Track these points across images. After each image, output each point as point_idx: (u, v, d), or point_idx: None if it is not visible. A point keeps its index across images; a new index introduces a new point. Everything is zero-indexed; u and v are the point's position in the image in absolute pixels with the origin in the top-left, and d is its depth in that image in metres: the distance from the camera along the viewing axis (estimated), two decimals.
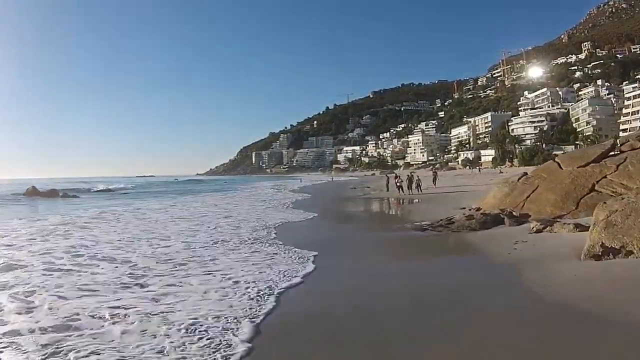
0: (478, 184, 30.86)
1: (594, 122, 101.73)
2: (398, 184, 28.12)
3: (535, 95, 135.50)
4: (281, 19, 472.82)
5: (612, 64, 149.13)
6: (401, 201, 23.33)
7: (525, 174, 12.10)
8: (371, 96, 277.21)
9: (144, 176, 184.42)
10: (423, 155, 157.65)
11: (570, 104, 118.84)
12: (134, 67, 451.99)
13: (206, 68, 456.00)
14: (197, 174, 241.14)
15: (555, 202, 9.78)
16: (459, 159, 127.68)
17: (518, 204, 10.62)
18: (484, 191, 23.50)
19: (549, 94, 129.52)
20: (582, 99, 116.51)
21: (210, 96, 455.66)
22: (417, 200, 23.07)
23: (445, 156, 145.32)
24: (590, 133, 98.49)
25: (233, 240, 10.99)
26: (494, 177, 37.83)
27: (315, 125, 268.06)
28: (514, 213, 10.09)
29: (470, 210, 12.46)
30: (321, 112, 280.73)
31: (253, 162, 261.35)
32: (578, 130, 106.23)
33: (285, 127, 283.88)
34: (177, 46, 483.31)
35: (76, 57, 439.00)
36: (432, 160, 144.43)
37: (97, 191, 43.39)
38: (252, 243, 10.61)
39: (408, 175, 29.19)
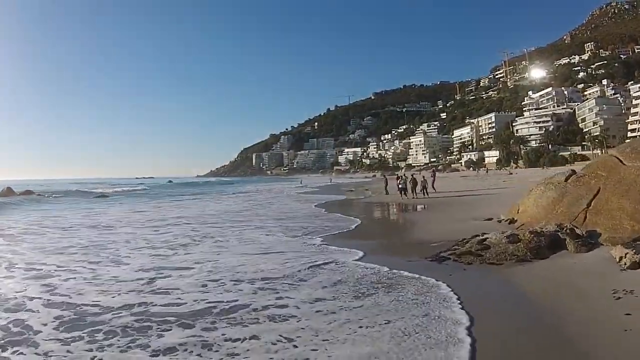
0: (490, 186, 28.07)
1: (601, 123, 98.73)
2: (400, 186, 24.66)
3: (540, 95, 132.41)
4: (282, 19, 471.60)
5: (616, 64, 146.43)
6: (404, 207, 19.83)
7: (574, 172, 9.14)
8: (372, 97, 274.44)
9: (143, 177, 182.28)
10: (425, 156, 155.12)
11: (576, 103, 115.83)
12: (135, 69, 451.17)
13: (207, 69, 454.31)
14: (197, 176, 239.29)
15: (635, 212, 6.80)
16: (462, 161, 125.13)
17: (577, 215, 7.64)
18: (502, 194, 20.77)
19: (554, 93, 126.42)
20: (587, 98, 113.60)
21: (211, 98, 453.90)
22: (422, 205, 19.53)
23: (447, 158, 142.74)
24: (597, 133, 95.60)
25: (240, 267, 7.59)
26: (507, 179, 35.18)
27: (316, 127, 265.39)
28: (577, 230, 7.15)
29: (500, 221, 9.67)
30: (322, 114, 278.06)
31: (253, 163, 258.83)
32: (585, 130, 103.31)
33: (286, 129, 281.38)
34: (177, 47, 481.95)
35: (77, 58, 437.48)
36: (434, 161, 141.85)
37: (80, 192, 40.78)
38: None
39: (412, 177, 26.10)
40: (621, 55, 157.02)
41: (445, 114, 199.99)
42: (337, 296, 5.74)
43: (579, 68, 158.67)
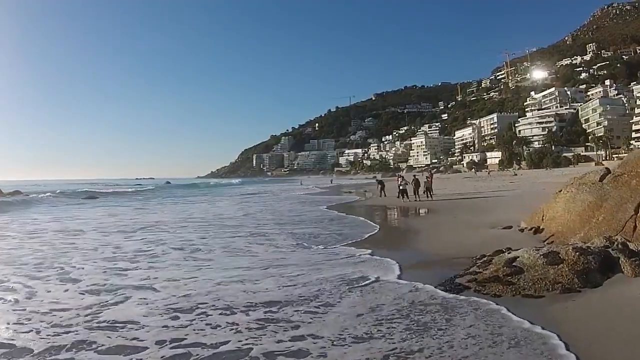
0: (497, 187, 26.60)
1: (605, 123, 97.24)
2: (401, 188, 22.90)
3: (543, 96, 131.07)
4: (283, 20, 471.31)
5: (618, 64, 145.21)
6: (405, 212, 17.66)
7: (608, 170, 7.72)
8: (373, 98, 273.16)
9: (143, 178, 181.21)
10: (426, 158, 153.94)
11: (579, 104, 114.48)
12: (136, 69, 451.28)
13: (208, 70, 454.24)
14: (198, 177, 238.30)
15: None
16: (464, 162, 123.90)
17: (624, 224, 6.14)
18: (512, 197, 19.29)
19: (557, 93, 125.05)
20: (591, 99, 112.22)
21: (212, 99, 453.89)
22: (425, 210, 17.41)
23: (449, 159, 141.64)
24: (601, 134, 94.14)
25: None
26: (513, 180, 33.81)
27: (316, 128, 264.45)
28: (631, 246, 5.54)
29: (522, 230, 8.24)
30: (323, 115, 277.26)
31: (254, 164, 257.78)
32: (588, 131, 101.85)
33: (287, 130, 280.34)
34: (177, 48, 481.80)
35: (77, 59, 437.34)
36: (435, 163, 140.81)
37: (71, 193, 39.42)
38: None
39: (414, 177, 24.59)
40: (623, 56, 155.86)
41: (446, 115, 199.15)
42: (383, 331, 4.22)
43: (581, 69, 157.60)
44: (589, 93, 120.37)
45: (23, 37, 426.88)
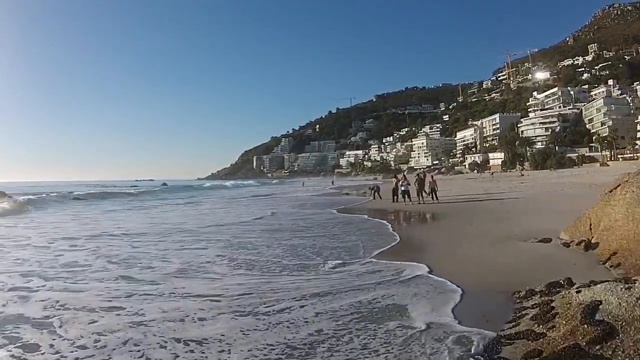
0: (507, 189, 24.81)
1: (610, 123, 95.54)
2: (403, 189, 20.74)
3: (546, 96, 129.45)
4: (283, 20, 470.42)
5: (620, 65, 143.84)
6: (407, 217, 15.56)
7: None
8: (374, 100, 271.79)
9: (143, 180, 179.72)
10: (427, 159, 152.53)
11: (583, 104, 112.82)
12: (137, 70, 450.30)
13: (209, 71, 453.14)
14: (198, 178, 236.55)
15: None
16: (466, 163, 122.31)
17: None
18: (529, 199, 17.73)
19: (560, 93, 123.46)
20: (594, 99, 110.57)
21: (212, 99, 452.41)
22: (434, 215, 15.06)
23: (450, 160, 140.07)
24: (606, 134, 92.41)
25: None
26: (522, 181, 32.04)
27: (317, 129, 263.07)
28: None
29: (567, 245, 6.53)
30: (323, 116, 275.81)
31: (254, 166, 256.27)
32: (592, 131, 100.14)
33: (287, 131, 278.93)
34: (177, 48, 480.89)
35: (77, 59, 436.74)
36: (436, 164, 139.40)
37: (59, 195, 37.76)
38: None
39: (418, 176, 22.69)
40: (625, 57, 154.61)
41: (447, 116, 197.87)
42: None
43: (583, 69, 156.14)
44: (592, 93, 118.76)
45: (23, 37, 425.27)
